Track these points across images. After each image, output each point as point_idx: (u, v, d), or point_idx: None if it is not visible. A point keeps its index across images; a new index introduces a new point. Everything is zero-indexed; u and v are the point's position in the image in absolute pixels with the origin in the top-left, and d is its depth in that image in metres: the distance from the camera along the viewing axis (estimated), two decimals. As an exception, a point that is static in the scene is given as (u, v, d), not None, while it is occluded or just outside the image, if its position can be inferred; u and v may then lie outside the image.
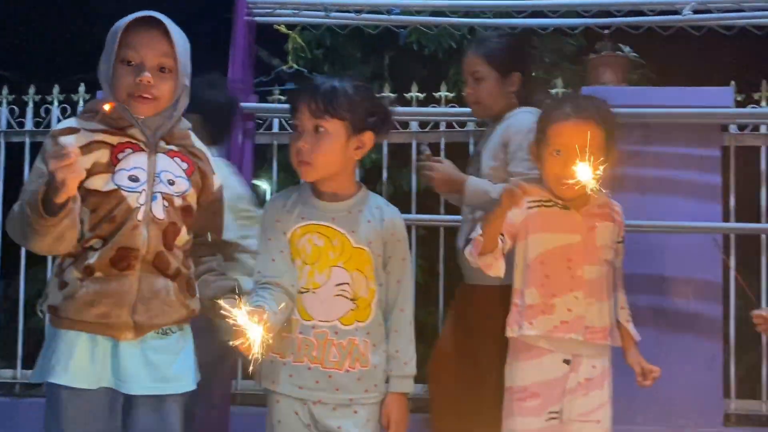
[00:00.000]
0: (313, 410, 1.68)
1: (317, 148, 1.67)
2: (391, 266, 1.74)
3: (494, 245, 1.80)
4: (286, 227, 1.71)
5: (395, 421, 1.70)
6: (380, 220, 1.73)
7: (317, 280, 1.68)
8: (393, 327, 1.73)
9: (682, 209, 2.77)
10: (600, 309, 1.84)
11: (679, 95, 2.82)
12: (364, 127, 1.69)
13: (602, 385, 1.86)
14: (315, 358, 1.67)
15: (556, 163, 1.83)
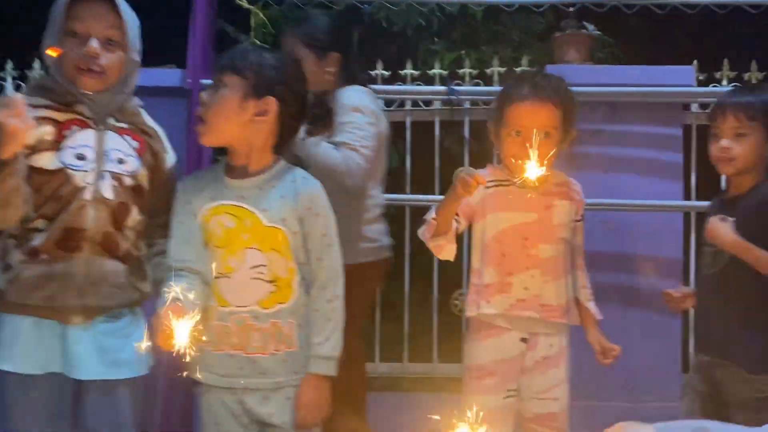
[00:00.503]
0: (243, 399, 1.62)
1: (213, 104, 1.60)
2: (311, 243, 1.64)
3: (447, 228, 1.79)
4: (196, 209, 1.63)
5: (304, 405, 1.62)
6: (295, 194, 1.63)
7: (231, 264, 1.60)
8: (313, 306, 1.65)
9: (644, 188, 2.80)
10: (557, 287, 1.85)
11: (641, 74, 2.83)
12: (267, 92, 1.59)
13: (559, 363, 1.88)
14: (236, 344, 1.60)
15: (514, 144, 1.83)
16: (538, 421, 1.88)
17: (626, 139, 2.84)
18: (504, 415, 1.85)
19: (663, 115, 2.83)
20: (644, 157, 2.83)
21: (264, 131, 1.63)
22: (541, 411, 1.87)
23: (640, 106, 2.81)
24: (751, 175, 1.84)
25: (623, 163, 2.83)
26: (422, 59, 3.73)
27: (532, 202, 1.85)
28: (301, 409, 1.63)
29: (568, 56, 2.93)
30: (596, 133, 2.83)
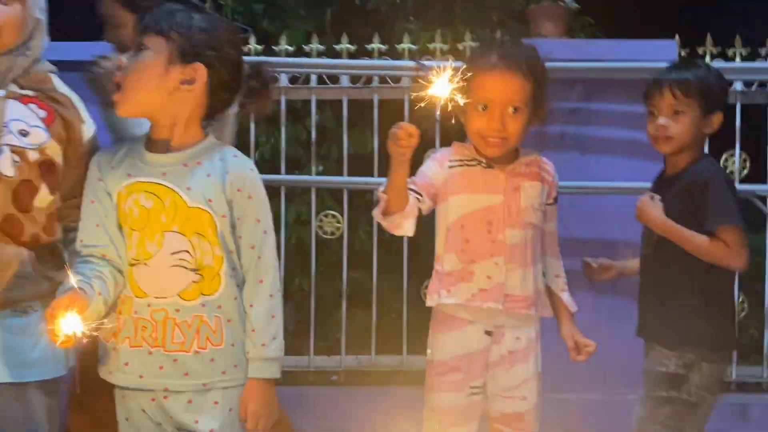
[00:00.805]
0: (164, 404, 1.46)
1: (132, 67, 1.42)
2: (242, 229, 1.48)
3: (401, 204, 1.63)
4: (110, 187, 1.46)
5: (253, 412, 1.47)
6: (223, 173, 1.46)
7: (148, 249, 1.43)
8: (249, 301, 1.49)
9: (623, 169, 2.70)
10: (523, 276, 1.71)
11: (621, 49, 2.75)
12: (196, 58, 1.42)
13: (527, 358, 1.74)
14: (155, 340, 1.43)
15: (480, 119, 1.68)
16: (504, 421, 1.74)
17: (604, 118, 2.75)
18: (468, 414, 1.73)
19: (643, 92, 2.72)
20: (623, 137, 2.73)
21: (190, 102, 1.46)
22: (507, 410, 1.73)
23: (619, 83, 2.71)
24: (687, 154, 1.84)
25: (601, 144, 2.75)
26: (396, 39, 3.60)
27: (498, 183, 1.71)
28: (251, 418, 1.48)
29: (544, 30, 2.81)
30: (573, 111, 2.73)
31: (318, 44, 2.85)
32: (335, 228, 2.89)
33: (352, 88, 2.82)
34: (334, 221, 2.89)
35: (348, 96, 2.82)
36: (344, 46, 2.81)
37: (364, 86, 2.81)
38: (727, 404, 2.73)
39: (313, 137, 2.88)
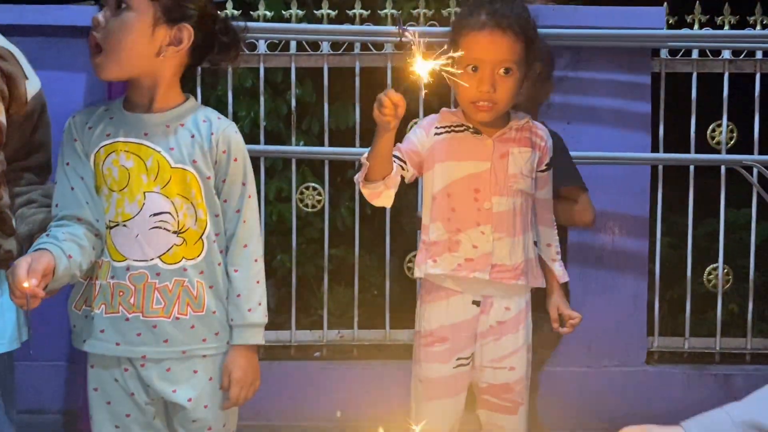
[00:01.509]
0: (141, 373, 1.42)
1: (115, 30, 1.36)
2: (227, 192, 1.45)
3: (385, 171, 1.57)
4: (88, 148, 1.42)
5: (237, 380, 1.44)
6: (208, 134, 1.43)
7: (128, 211, 1.39)
8: (233, 266, 1.45)
9: (609, 139, 2.68)
10: (511, 245, 1.66)
11: (608, 15, 2.68)
12: (183, 18, 1.39)
13: (516, 328, 1.70)
14: (133, 305, 1.39)
15: (470, 81, 1.60)
16: (492, 392, 1.70)
17: (591, 87, 2.70)
18: (454, 385, 1.69)
19: (630, 61, 2.70)
20: (610, 106, 2.70)
21: (175, 63, 1.42)
22: (495, 381, 1.70)
23: (606, 51, 2.67)
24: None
25: (587, 113, 2.70)
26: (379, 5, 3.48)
27: (485, 150, 1.66)
28: (234, 386, 1.44)
29: (530, -4, 2.71)
30: (559, 80, 2.64)
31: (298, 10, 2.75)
32: (316, 201, 2.82)
33: (332, 54, 2.73)
34: (315, 194, 2.81)
35: (329, 63, 2.72)
36: (324, 12, 2.71)
37: (345, 53, 2.73)
38: (711, 374, 2.76)
39: (293, 106, 2.79)
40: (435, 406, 1.68)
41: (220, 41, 1.46)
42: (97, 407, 1.44)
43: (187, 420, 1.44)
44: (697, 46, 2.71)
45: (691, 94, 2.73)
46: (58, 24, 2.59)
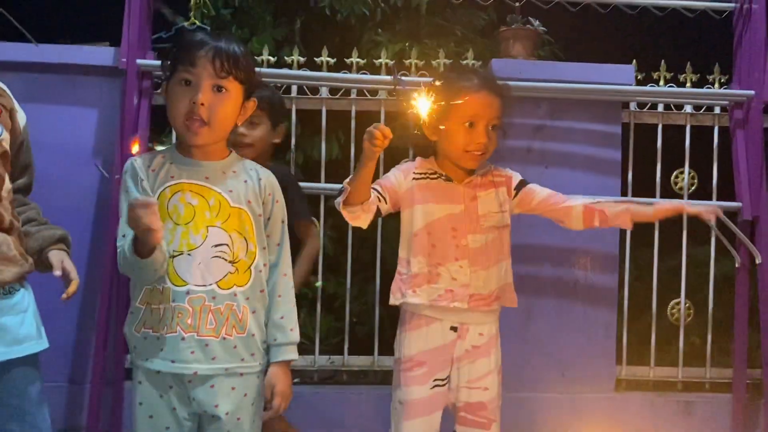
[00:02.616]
0: (187, 389, 1.57)
1: (219, 108, 1.58)
2: (271, 228, 1.66)
3: (364, 197, 1.77)
4: (152, 186, 1.60)
5: (280, 392, 1.61)
6: (257, 179, 1.66)
7: (193, 242, 1.56)
8: (277, 292, 1.64)
9: (583, 182, 2.85)
10: (486, 276, 1.86)
11: (583, 71, 2.88)
12: (251, 94, 1.65)
13: (489, 352, 1.88)
14: (190, 326, 1.55)
15: (466, 135, 1.83)
16: (468, 410, 1.88)
17: (567, 135, 2.88)
18: (431, 405, 1.86)
19: (603, 112, 2.89)
20: (584, 152, 2.89)
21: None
22: (471, 400, 1.87)
23: (582, 103, 2.86)
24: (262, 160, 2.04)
25: (564, 158, 2.88)
26: (366, 50, 3.68)
27: (458, 194, 1.87)
28: (278, 396, 1.61)
29: (513, 51, 2.94)
30: (539, 128, 2.86)
31: (298, 56, 2.93)
32: (311, 232, 2.97)
33: (331, 98, 2.92)
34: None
35: (326, 106, 2.91)
36: (324, 59, 2.90)
37: (343, 98, 2.91)
38: (674, 401, 2.95)
39: (292, 145, 2.96)
40: (413, 424, 1.84)
41: None
42: (141, 420, 1.58)
43: (221, 429, 1.58)
44: (662, 100, 2.95)
45: (657, 143, 2.96)
46: (74, 63, 2.72)
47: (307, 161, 3.46)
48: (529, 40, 2.93)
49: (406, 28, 4.11)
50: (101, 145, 2.74)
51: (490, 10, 3.91)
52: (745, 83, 2.83)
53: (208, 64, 1.56)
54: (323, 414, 2.82)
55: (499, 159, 2.06)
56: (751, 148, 2.79)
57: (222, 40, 1.60)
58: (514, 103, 1.95)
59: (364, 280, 3.27)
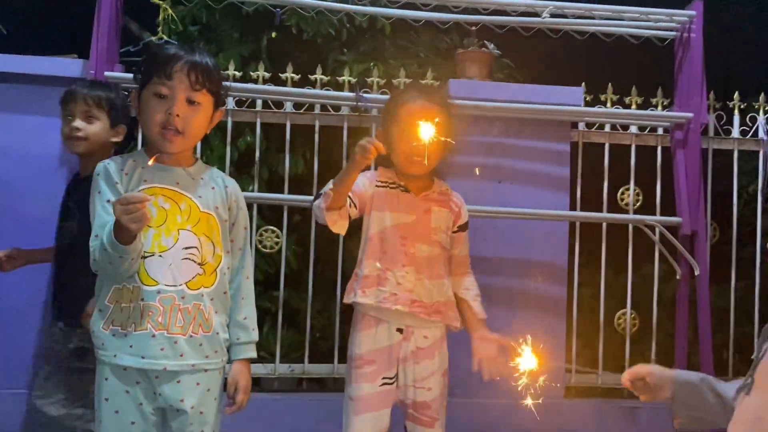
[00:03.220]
0: (154, 384, 1.63)
1: (192, 120, 1.67)
2: (235, 234, 1.75)
3: (343, 202, 1.87)
4: (126, 190, 1.67)
5: (243, 388, 1.71)
6: (223, 187, 1.75)
7: (164, 243, 1.63)
8: (240, 294, 1.74)
9: (534, 197, 2.98)
10: (429, 287, 1.95)
11: (535, 92, 3.02)
12: (220, 104, 1.75)
13: (433, 354, 1.98)
14: (160, 324, 1.61)
15: (405, 142, 1.93)
16: (414, 407, 1.98)
17: (519, 152, 3.01)
18: (380, 401, 1.94)
19: (553, 131, 3.04)
20: (535, 169, 3.02)
21: None
22: (417, 399, 1.97)
23: (534, 122, 3.00)
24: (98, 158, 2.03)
25: (516, 174, 3.00)
26: (331, 69, 3.78)
27: (413, 205, 1.98)
28: (241, 392, 1.71)
29: (470, 72, 3.08)
30: (493, 145, 3.00)
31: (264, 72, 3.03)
32: (274, 243, 3.05)
33: (295, 113, 3.02)
34: (274, 236, 3.04)
35: (291, 121, 3.01)
36: (289, 75, 3.01)
37: (307, 112, 3.00)
38: (620, 407, 3.07)
39: (257, 157, 3.03)
40: (363, 419, 1.93)
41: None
42: (107, 415, 1.62)
43: (185, 424, 1.64)
44: (609, 121, 3.12)
45: (604, 161, 3.11)
46: (43, 74, 2.76)
47: (272, 176, 3.53)
48: (484, 62, 3.07)
49: (371, 49, 4.22)
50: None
51: (453, 34, 4.07)
52: (685, 106, 3.01)
53: (184, 78, 1.65)
54: (283, 421, 2.87)
55: (455, 175, 2.18)
56: (690, 167, 2.96)
57: (195, 53, 1.68)
58: (462, 117, 2.06)
59: (327, 296, 3.33)
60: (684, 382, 1.35)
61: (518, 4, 2.97)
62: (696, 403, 1.33)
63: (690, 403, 1.34)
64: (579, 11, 2.97)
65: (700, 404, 1.33)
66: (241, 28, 4.28)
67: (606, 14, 2.99)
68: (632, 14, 3.01)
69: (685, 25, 3.00)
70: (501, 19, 2.96)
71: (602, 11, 2.98)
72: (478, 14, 3.00)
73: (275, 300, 3.10)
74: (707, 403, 1.32)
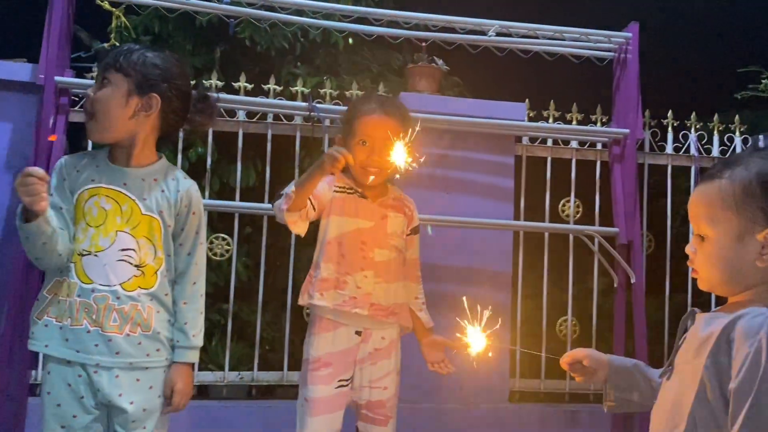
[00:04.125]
0: (93, 379, 1.64)
1: (101, 99, 1.67)
2: (183, 238, 1.74)
3: (303, 205, 1.90)
4: (73, 187, 1.68)
5: (179, 391, 1.70)
6: (175, 191, 1.73)
7: (101, 244, 1.65)
8: (183, 299, 1.73)
9: (480, 208, 3.09)
10: (387, 290, 2.01)
11: (482, 107, 3.14)
12: (152, 89, 1.68)
13: (390, 355, 2.03)
14: (95, 321, 1.63)
15: (361, 152, 1.98)
16: (369, 407, 2.02)
17: (466, 164, 3.11)
18: (334, 403, 1.98)
19: (499, 145, 3.15)
20: (481, 180, 3.12)
21: (147, 126, 1.71)
22: (372, 398, 2.01)
23: (480, 135, 3.11)
24: None
25: (464, 185, 3.10)
26: (284, 81, 3.82)
27: (370, 211, 2.02)
28: (177, 394, 1.70)
29: (420, 86, 3.18)
30: (442, 157, 3.09)
31: (217, 80, 3.06)
32: (225, 251, 3.06)
33: (248, 122, 3.06)
34: (224, 244, 3.06)
35: (243, 129, 3.04)
36: (242, 84, 3.05)
37: (260, 121, 3.05)
38: (562, 411, 3.18)
39: (208, 165, 3.06)
40: (318, 421, 1.96)
41: (197, 108, 1.77)
42: (49, 408, 1.63)
43: (127, 421, 1.65)
44: (551, 136, 3.25)
45: (546, 174, 3.24)
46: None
47: (223, 188, 3.54)
48: (433, 77, 3.18)
49: (325, 64, 4.30)
50: (15, 159, 2.77)
51: (405, 52, 4.18)
52: (622, 123, 3.16)
53: (101, 62, 1.70)
54: (232, 429, 2.87)
55: (405, 184, 2.24)
56: (626, 180, 3.11)
57: (126, 45, 1.71)
58: (417, 130, 2.11)
59: (278, 306, 3.35)
60: (618, 366, 1.44)
61: (466, 23, 3.08)
62: (627, 386, 1.42)
63: (622, 386, 1.43)
64: (524, 31, 3.10)
65: (631, 387, 1.42)
66: (194, 40, 4.30)
67: (549, 34, 3.13)
68: (573, 34, 3.16)
69: (622, 46, 3.17)
70: (449, 36, 3.06)
71: (545, 31, 3.12)
72: (428, 31, 3.10)
73: (224, 312, 3.11)
74: (638, 386, 1.41)
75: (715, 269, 1.21)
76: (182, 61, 1.82)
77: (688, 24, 5.47)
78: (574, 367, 1.48)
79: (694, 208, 1.24)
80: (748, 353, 1.08)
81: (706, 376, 1.13)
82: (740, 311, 1.14)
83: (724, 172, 1.20)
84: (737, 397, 1.07)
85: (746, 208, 1.16)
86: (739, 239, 1.17)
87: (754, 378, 1.06)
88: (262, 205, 2.98)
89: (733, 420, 1.07)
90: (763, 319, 1.10)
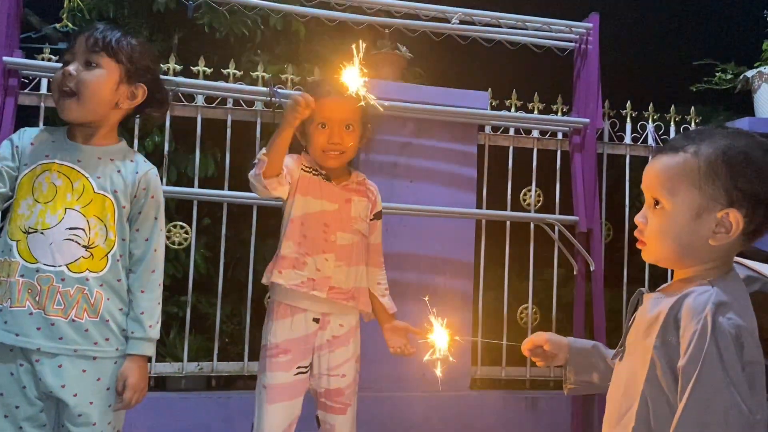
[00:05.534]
0: (35, 368, 1.55)
1: (87, 81, 1.61)
2: (140, 222, 1.67)
3: (279, 169, 1.85)
4: (26, 160, 1.62)
5: (131, 385, 1.61)
6: (133, 172, 1.68)
7: (48, 221, 1.57)
8: (139, 287, 1.65)
9: (444, 196, 3.09)
10: (348, 273, 1.98)
11: (445, 95, 3.13)
12: (140, 80, 1.67)
13: (348, 342, 2.01)
14: (38, 303, 1.55)
15: (321, 136, 1.96)
16: (327, 395, 1.99)
17: (430, 153, 3.11)
18: (293, 390, 1.95)
19: (461, 133, 3.16)
20: (444, 169, 3.12)
21: (123, 113, 1.69)
22: (330, 386, 1.98)
23: (443, 124, 3.11)
24: None
25: (427, 174, 3.09)
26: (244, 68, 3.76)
27: (334, 194, 2.00)
28: (129, 389, 1.61)
29: (383, 73, 3.16)
30: (405, 145, 3.08)
31: (175, 64, 2.99)
32: (183, 239, 3.00)
33: (207, 107, 2.99)
34: (182, 232, 2.99)
35: (202, 115, 2.98)
36: (201, 68, 2.98)
37: (220, 106, 2.98)
38: (522, 397, 3.20)
39: (166, 151, 2.99)
40: (276, 408, 1.92)
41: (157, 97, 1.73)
42: None
43: (73, 415, 1.56)
44: (513, 125, 3.27)
45: (508, 163, 3.26)
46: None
47: (181, 177, 3.45)
48: (396, 63, 3.16)
49: (286, 52, 4.24)
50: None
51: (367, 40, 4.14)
52: (582, 113, 3.20)
53: (83, 41, 1.62)
54: (191, 420, 2.82)
55: (368, 173, 2.22)
56: (586, 169, 3.15)
57: (104, 26, 1.65)
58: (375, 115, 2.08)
59: (237, 300, 3.30)
60: (578, 348, 1.44)
61: (429, 9, 3.07)
62: (587, 368, 1.43)
63: (582, 368, 1.43)
64: (486, 19, 3.10)
65: (591, 368, 1.42)
66: (151, 26, 4.19)
67: (511, 23, 3.14)
68: (536, 24, 3.17)
69: (582, 36, 3.20)
70: (413, 23, 3.04)
71: (508, 20, 3.12)
72: (391, 17, 3.07)
73: (183, 305, 3.04)
74: (597, 367, 1.42)
75: (666, 241, 1.20)
76: (153, 49, 1.79)
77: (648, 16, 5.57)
78: (535, 351, 1.48)
79: (653, 177, 1.23)
80: (695, 331, 1.08)
81: (655, 355, 1.14)
82: (686, 289, 1.14)
83: (689, 146, 1.20)
84: (685, 374, 1.08)
85: (709, 186, 1.16)
86: (697, 215, 1.17)
87: (700, 354, 1.07)
88: (222, 192, 2.92)
89: (681, 397, 1.08)
90: (707, 296, 1.11)
